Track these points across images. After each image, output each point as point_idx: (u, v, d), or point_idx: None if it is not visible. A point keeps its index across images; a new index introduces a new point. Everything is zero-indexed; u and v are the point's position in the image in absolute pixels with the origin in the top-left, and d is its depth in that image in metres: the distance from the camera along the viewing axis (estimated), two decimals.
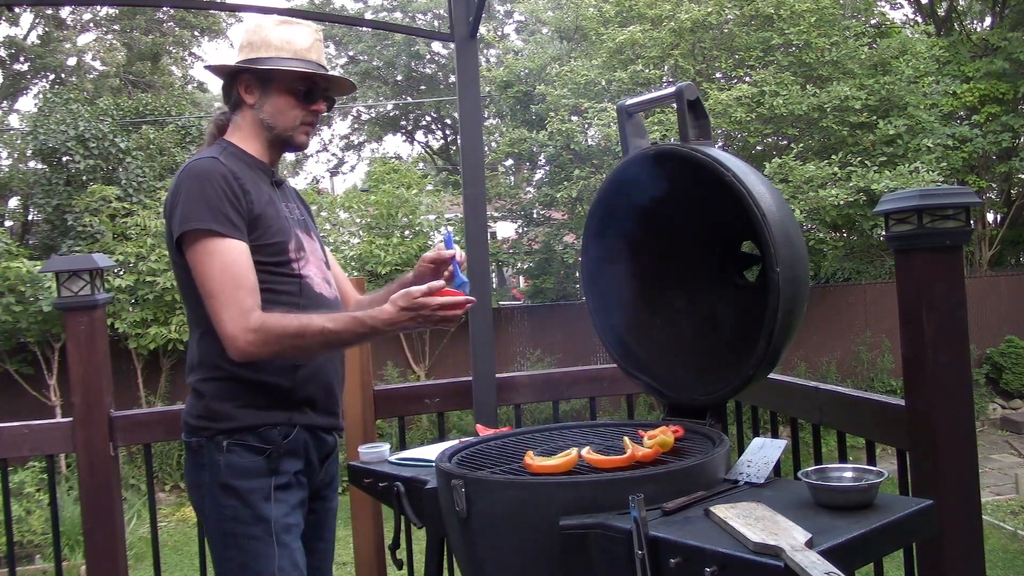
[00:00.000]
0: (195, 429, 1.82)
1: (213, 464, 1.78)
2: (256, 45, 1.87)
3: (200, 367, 1.83)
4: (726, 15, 10.99)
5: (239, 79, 1.88)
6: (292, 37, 1.88)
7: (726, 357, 1.95)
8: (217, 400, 1.79)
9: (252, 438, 1.78)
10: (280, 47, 1.86)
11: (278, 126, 1.89)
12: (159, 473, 9.62)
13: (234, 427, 1.78)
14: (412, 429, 9.74)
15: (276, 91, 1.87)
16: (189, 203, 1.72)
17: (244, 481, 1.77)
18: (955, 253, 1.81)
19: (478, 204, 2.88)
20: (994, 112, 13.21)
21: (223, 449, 1.77)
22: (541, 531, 1.46)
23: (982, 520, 1.87)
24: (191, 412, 1.84)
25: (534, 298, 13.62)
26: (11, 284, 9.01)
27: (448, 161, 22.27)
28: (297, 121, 1.90)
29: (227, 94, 1.92)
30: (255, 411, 1.79)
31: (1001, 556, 6.80)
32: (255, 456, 1.78)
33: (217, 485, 1.78)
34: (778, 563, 1.19)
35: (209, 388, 1.80)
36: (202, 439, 1.80)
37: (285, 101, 1.88)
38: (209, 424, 1.79)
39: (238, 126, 1.91)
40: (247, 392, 1.79)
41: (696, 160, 1.78)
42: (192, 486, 1.86)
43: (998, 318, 12.60)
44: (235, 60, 1.89)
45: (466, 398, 2.89)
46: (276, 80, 1.86)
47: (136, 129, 12.71)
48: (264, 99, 1.88)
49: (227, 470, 1.77)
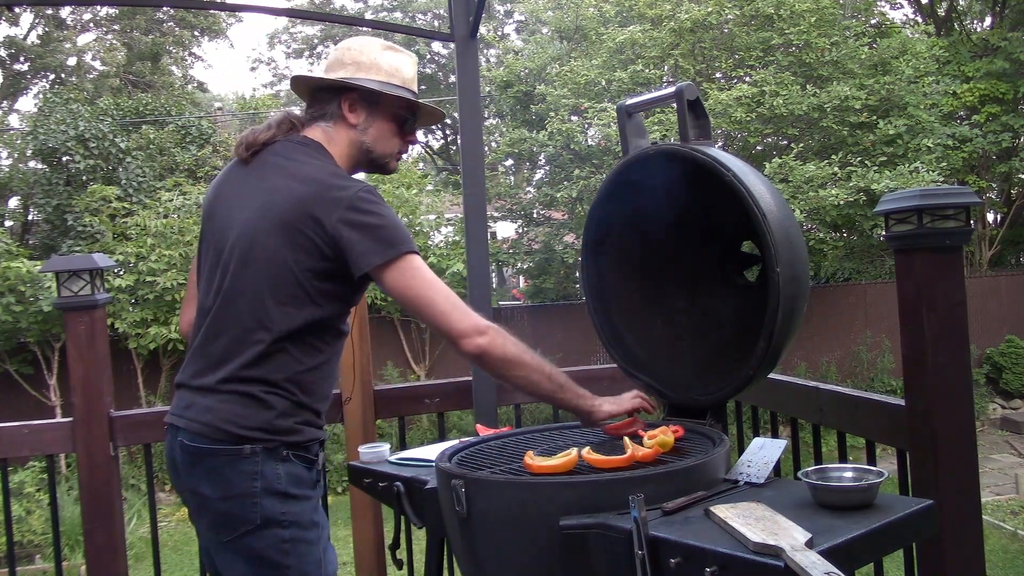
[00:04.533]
0: (248, 438, 1.71)
1: (271, 473, 1.71)
2: (366, 66, 1.85)
3: (265, 381, 1.72)
4: (726, 15, 11.00)
5: (343, 95, 1.85)
6: (400, 65, 1.88)
7: (726, 357, 1.95)
8: (283, 415, 1.74)
9: (305, 451, 1.78)
10: (391, 73, 1.86)
11: (377, 150, 1.88)
12: (159, 473, 9.55)
13: (296, 440, 1.75)
14: (412, 429, 9.74)
15: (382, 116, 1.86)
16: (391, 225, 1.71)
17: (301, 489, 1.75)
18: (955, 253, 1.81)
19: (478, 204, 2.88)
20: (994, 112, 13.22)
21: (283, 459, 1.73)
22: (541, 531, 1.46)
23: (982, 520, 1.87)
24: (241, 421, 1.70)
25: (534, 298, 13.62)
26: (11, 284, 9.01)
27: (448, 161, 22.27)
28: (395, 149, 1.91)
29: (314, 102, 1.88)
30: (310, 428, 1.79)
31: (1001, 556, 6.80)
32: (306, 467, 1.78)
33: (274, 493, 1.71)
34: (778, 563, 1.19)
35: (278, 402, 1.73)
36: (257, 447, 1.71)
37: (389, 127, 1.87)
38: (270, 436, 1.72)
39: (334, 141, 1.86)
40: (304, 411, 1.77)
41: (696, 160, 1.78)
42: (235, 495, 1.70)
43: (998, 318, 12.61)
44: (339, 75, 1.85)
45: (466, 398, 2.89)
46: (384, 105, 1.86)
47: (136, 129, 12.72)
48: (370, 122, 1.86)
49: (287, 479, 1.73)
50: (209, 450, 1.70)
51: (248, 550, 1.70)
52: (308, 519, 1.75)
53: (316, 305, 1.72)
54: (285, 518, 1.71)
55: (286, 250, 1.70)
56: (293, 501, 1.73)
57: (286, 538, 1.71)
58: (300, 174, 1.75)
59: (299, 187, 1.73)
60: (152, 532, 2.73)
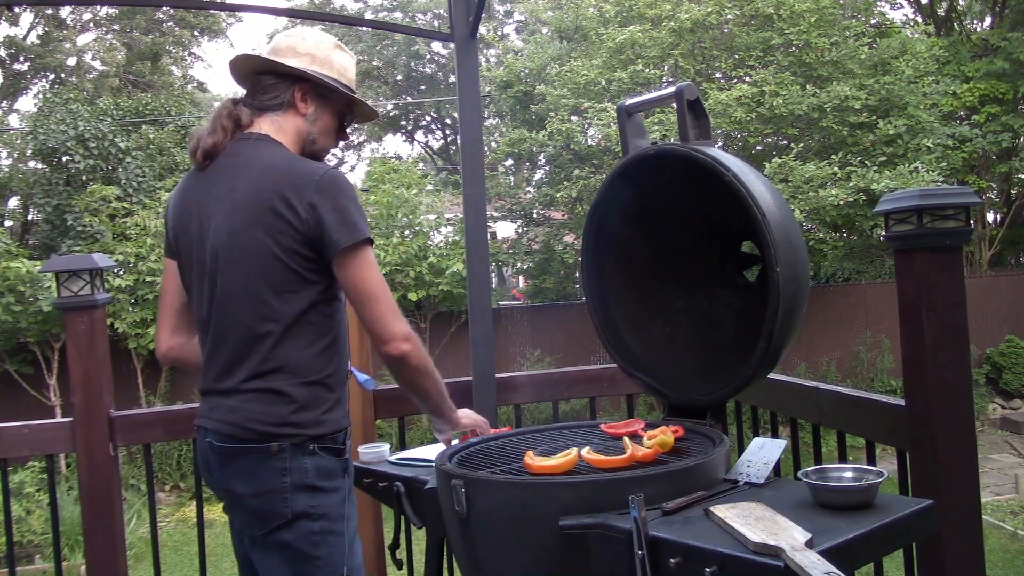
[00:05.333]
0: (274, 435, 1.73)
1: (299, 468, 1.73)
2: (320, 60, 1.88)
3: (281, 371, 1.74)
4: (726, 15, 11.00)
5: (299, 84, 1.87)
6: (348, 65, 1.94)
7: (726, 357, 1.95)
8: (307, 408, 1.75)
9: (332, 442, 1.78)
10: (340, 72, 1.91)
11: (319, 143, 1.91)
12: (159, 473, 9.62)
13: (321, 432, 1.76)
14: (412, 429, 9.74)
15: (330, 111, 1.90)
16: (356, 211, 1.75)
17: (330, 482, 1.77)
18: (955, 253, 1.81)
19: (478, 204, 2.88)
20: (994, 112, 13.22)
21: (310, 452, 1.75)
22: (541, 531, 1.46)
23: (982, 520, 1.87)
24: (266, 418, 1.73)
25: (534, 298, 13.62)
26: (11, 284, 9.01)
27: (448, 161, 22.27)
28: (332, 144, 1.95)
29: (266, 91, 1.86)
30: (334, 417, 1.79)
31: (1001, 556, 6.80)
32: (334, 458, 1.78)
33: (304, 488, 1.74)
34: (778, 563, 1.19)
35: (301, 393, 1.74)
36: (284, 443, 1.73)
37: (332, 123, 1.92)
38: (296, 431, 1.73)
39: (283, 131, 1.86)
40: (329, 397, 1.79)
41: (696, 160, 1.78)
42: (265, 492, 1.73)
43: (998, 318, 12.61)
44: (294, 64, 1.85)
45: (466, 398, 2.89)
46: (333, 100, 1.90)
47: (136, 129, 12.71)
48: (318, 114, 1.89)
49: (315, 472, 1.75)
50: (238, 449, 1.74)
51: (280, 543, 1.74)
52: (337, 511, 1.78)
53: (312, 283, 1.75)
54: (315, 511, 1.74)
55: (267, 240, 1.72)
56: (322, 494, 1.75)
57: (316, 530, 1.74)
58: (260, 166, 1.77)
59: (263, 177, 1.75)
60: (152, 532, 2.73)
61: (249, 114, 1.85)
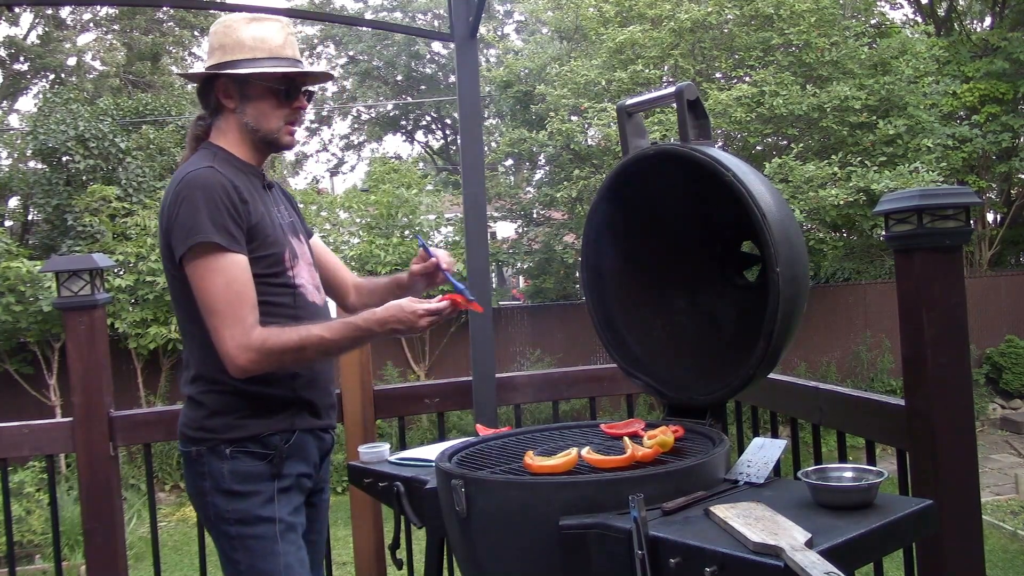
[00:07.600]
0: (194, 440, 1.81)
1: (216, 472, 1.78)
2: (229, 47, 1.81)
3: (200, 379, 1.81)
4: (726, 15, 10.99)
5: (216, 83, 1.84)
6: (265, 35, 1.82)
7: (726, 357, 1.95)
8: (220, 413, 1.79)
9: (254, 445, 1.79)
10: (254, 47, 1.80)
11: (262, 129, 1.85)
12: (159, 473, 9.61)
13: (236, 437, 1.78)
14: (412, 429, 9.74)
15: (256, 94, 1.82)
16: (191, 215, 1.69)
17: (247, 485, 1.78)
18: (955, 253, 1.81)
19: (478, 204, 2.88)
20: (994, 112, 13.22)
21: (226, 457, 1.78)
22: (541, 531, 1.46)
23: (982, 520, 1.87)
24: (189, 424, 1.82)
25: (534, 298, 13.62)
26: (11, 284, 9.00)
27: (448, 161, 22.27)
28: (281, 122, 1.86)
29: (204, 99, 1.88)
30: (257, 420, 1.79)
31: (1001, 556, 6.80)
32: (258, 462, 1.79)
33: (220, 491, 1.78)
34: (778, 563, 1.19)
35: (211, 400, 1.80)
36: (202, 448, 1.79)
37: (267, 103, 1.83)
38: (210, 436, 1.79)
39: (222, 131, 1.87)
40: (250, 404, 1.79)
41: (696, 160, 1.78)
42: (194, 494, 1.85)
43: (998, 318, 12.61)
44: (208, 64, 1.84)
45: (466, 398, 2.89)
46: (255, 83, 1.82)
47: (136, 129, 12.71)
48: (245, 103, 1.83)
49: (230, 476, 1.77)
50: (180, 453, 1.87)
51: (216, 542, 1.85)
52: (254, 515, 1.78)
53: None
54: (230, 516, 1.78)
55: (167, 261, 1.79)
56: (238, 498, 1.78)
57: (232, 535, 1.78)
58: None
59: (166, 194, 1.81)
60: (152, 532, 2.73)
61: (206, 127, 1.90)
